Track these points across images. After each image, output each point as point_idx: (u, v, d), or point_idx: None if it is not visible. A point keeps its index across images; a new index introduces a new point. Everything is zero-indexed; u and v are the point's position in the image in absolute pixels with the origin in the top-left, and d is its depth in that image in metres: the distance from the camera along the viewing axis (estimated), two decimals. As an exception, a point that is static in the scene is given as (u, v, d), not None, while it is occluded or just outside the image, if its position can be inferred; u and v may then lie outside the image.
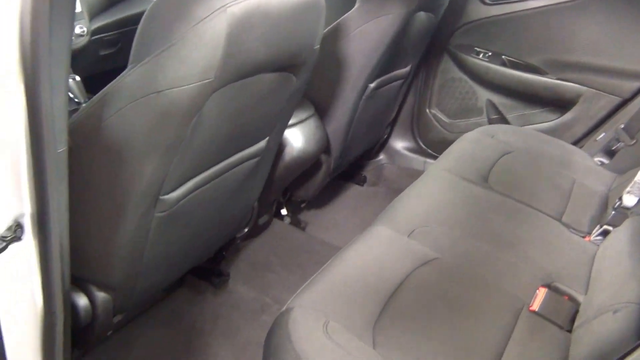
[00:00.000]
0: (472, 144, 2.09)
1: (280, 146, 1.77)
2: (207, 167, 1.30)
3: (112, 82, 1.06)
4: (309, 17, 1.24)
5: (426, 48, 2.36)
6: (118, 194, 1.14)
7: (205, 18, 0.98)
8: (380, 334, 1.19)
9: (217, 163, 1.33)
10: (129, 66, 1.04)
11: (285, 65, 1.28)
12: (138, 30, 1.04)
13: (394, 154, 2.76)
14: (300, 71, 1.36)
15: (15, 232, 0.95)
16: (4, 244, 0.92)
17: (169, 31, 0.99)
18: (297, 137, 1.82)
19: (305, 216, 2.48)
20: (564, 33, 2.25)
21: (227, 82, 1.09)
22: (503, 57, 2.39)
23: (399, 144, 2.73)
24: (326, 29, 1.84)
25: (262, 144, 1.46)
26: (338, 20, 1.81)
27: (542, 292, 1.39)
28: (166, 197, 1.20)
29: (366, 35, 1.79)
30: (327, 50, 1.85)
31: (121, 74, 1.05)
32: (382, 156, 2.77)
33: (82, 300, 1.28)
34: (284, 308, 1.23)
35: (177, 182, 1.22)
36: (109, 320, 1.36)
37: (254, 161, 1.48)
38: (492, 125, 2.37)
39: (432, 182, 1.80)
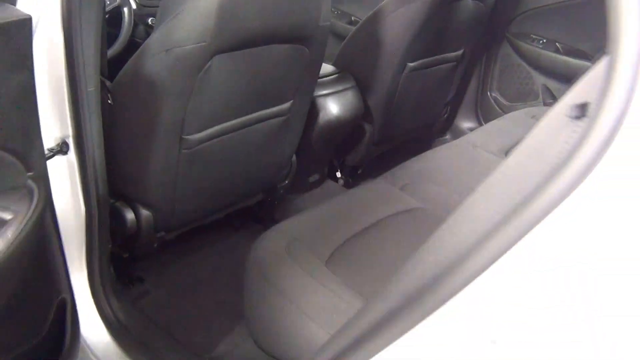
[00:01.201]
0: (509, 121, 2.20)
1: (316, 111, 2.03)
2: (229, 118, 1.59)
3: (144, 43, 1.42)
4: None
5: (484, 34, 2.49)
6: (147, 128, 1.48)
7: None
8: (337, 255, 1.37)
9: (239, 116, 1.62)
10: (154, 31, 1.39)
11: (290, 37, 1.55)
12: (160, 5, 1.39)
13: (459, 134, 2.89)
14: (312, 44, 1.63)
15: (61, 147, 1.33)
16: (51, 154, 1.30)
17: (178, 4, 1.33)
18: (333, 105, 2.06)
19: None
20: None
21: (226, 47, 1.39)
22: (557, 44, 2.47)
23: (464, 124, 2.87)
24: (369, 13, 2.09)
25: (285, 105, 1.73)
26: (379, 5, 2.04)
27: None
28: (189, 137, 1.52)
29: (399, 19, 1.99)
30: (367, 31, 2.10)
31: (149, 37, 1.41)
32: (448, 135, 2.93)
33: (129, 215, 1.64)
34: (267, 231, 1.50)
35: (198, 126, 1.53)
36: (152, 234, 1.70)
37: (280, 119, 1.75)
38: (540, 107, 2.45)
39: (446, 149, 1.95)
